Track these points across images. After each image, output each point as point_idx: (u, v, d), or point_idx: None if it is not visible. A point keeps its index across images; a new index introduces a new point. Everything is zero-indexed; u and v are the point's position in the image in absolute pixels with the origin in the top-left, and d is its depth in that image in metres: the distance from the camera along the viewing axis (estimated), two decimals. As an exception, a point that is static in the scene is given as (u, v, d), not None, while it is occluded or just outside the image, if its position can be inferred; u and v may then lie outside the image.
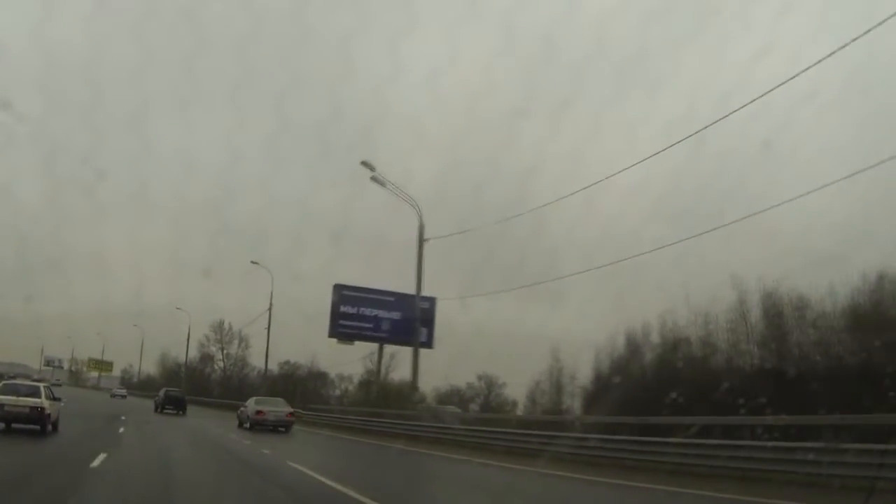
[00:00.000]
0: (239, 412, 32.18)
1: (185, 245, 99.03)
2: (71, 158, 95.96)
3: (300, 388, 64.41)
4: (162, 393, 46.41)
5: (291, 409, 30.22)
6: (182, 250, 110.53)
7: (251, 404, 30.33)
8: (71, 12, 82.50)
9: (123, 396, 73.05)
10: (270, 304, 47.20)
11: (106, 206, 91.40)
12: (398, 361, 40.02)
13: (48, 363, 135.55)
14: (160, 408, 42.56)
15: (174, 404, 42.25)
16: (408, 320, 37.32)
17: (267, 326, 47.31)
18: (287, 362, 73.04)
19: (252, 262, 47.65)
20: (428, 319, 37.52)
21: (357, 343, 38.38)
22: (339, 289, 37.22)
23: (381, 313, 37.44)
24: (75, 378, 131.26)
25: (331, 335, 37.14)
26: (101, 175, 72.99)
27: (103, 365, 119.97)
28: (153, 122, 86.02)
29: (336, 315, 36.81)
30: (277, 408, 29.70)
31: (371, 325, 37.26)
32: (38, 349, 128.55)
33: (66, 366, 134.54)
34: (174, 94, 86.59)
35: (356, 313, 36.99)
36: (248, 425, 29.02)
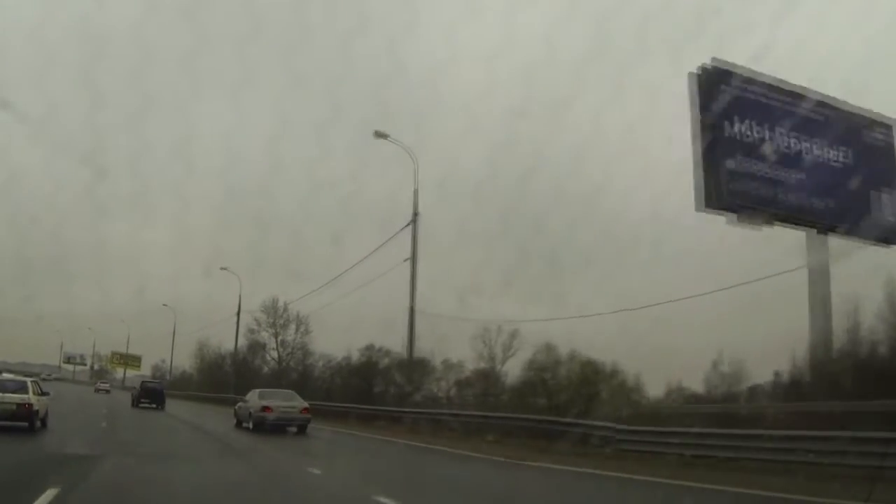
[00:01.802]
0: (237, 408, 26.24)
1: (189, 242, 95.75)
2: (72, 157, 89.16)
3: (391, 379, 44.09)
4: (138, 385, 43.77)
5: (306, 404, 23.97)
6: (187, 247, 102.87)
7: (254, 398, 24.49)
8: (71, 12, 77.52)
9: (107, 391, 68.61)
10: (415, 214, 25.01)
11: (123, 200, 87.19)
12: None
13: (68, 360, 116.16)
14: (136, 401, 39.21)
15: (151, 397, 38.92)
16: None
17: (410, 257, 25.04)
18: (370, 346, 52.35)
19: (378, 133, 25.63)
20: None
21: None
22: (719, 79, 14.09)
23: (811, 147, 14.25)
24: (99, 376, 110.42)
25: (710, 204, 13.86)
26: (121, 167, 76.69)
27: (129, 359, 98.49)
28: (154, 120, 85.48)
29: (718, 150, 13.84)
30: (289, 402, 23.83)
31: (802, 177, 14.02)
32: (58, 346, 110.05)
33: (88, 362, 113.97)
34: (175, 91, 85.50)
35: (763, 141, 13.66)
36: (249, 424, 23.25)
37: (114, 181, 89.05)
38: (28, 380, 18.50)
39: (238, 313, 48.51)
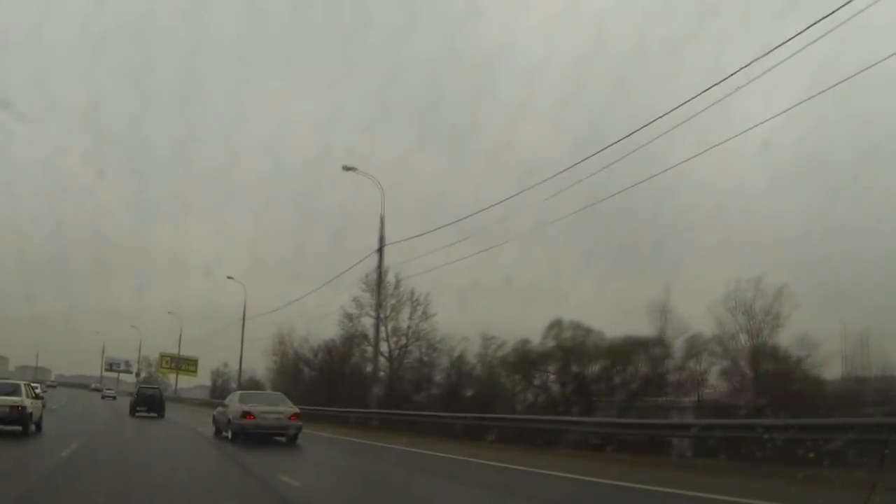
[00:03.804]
0: (216, 413, 23.01)
1: (188, 243, 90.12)
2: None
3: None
4: (136, 391, 40.44)
5: (296, 409, 20.24)
6: (185, 248, 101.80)
7: (234, 402, 20.94)
8: (71, 12, 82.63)
9: (113, 398, 68.00)
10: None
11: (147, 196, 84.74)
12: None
13: (110, 367, 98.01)
14: (133, 409, 35.98)
15: (149, 405, 35.91)
16: None
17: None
18: (556, 322, 33.66)
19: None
20: None
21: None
22: None
23: None
24: (147, 385, 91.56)
25: None
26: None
27: (183, 363, 78.98)
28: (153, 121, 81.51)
29: None
30: (275, 407, 20.20)
31: None
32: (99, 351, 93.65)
33: (134, 368, 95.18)
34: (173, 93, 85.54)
35: None
36: (228, 434, 20.00)
37: (118, 181, 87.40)
38: (21, 382, 18.42)
39: (380, 248, 28.09)
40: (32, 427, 17.02)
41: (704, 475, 12.18)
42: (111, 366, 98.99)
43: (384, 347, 46.47)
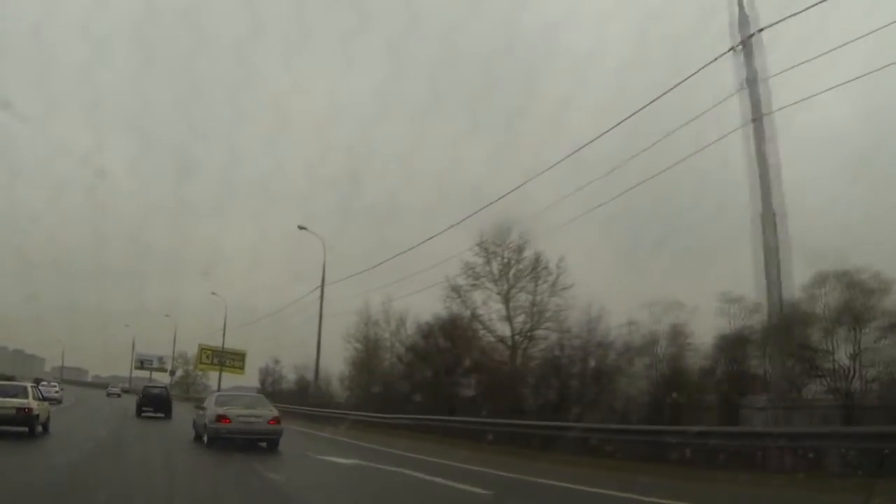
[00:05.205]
0: (195, 417, 22.11)
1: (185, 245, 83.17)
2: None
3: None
4: (141, 391, 38.98)
5: (276, 413, 19.33)
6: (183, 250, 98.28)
7: (210, 405, 19.61)
8: (71, 12, 72.65)
9: (118, 395, 66.14)
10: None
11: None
12: None
13: (141, 364, 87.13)
14: (138, 410, 34.79)
15: (155, 405, 34.81)
16: None
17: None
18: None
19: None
20: None
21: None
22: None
23: None
24: (183, 384, 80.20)
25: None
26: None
27: (227, 357, 67.19)
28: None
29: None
30: (252, 410, 19.18)
31: None
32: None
33: (169, 365, 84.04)
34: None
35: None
36: (205, 438, 19.16)
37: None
38: (28, 384, 19.24)
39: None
40: (39, 428, 17.49)
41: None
42: (142, 363, 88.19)
43: (506, 330, 35.00)
